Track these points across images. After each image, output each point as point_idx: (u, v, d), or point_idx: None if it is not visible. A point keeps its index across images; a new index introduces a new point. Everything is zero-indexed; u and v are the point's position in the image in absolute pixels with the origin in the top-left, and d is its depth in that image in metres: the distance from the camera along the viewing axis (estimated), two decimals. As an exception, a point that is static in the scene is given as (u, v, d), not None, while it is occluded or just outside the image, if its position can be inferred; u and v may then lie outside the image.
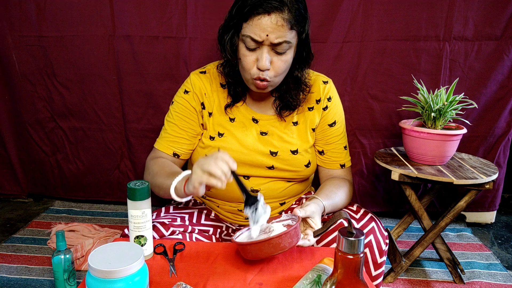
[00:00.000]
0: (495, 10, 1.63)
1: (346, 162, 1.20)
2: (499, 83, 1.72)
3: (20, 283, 1.41)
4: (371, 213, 1.05)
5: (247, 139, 1.10)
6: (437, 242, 1.45)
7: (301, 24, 0.97)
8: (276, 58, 0.97)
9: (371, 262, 0.99)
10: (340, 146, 1.18)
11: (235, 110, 1.12)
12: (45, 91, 1.90)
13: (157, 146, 1.15)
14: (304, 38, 1.01)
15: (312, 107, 1.14)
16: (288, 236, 0.80)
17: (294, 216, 0.89)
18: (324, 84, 1.14)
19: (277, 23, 0.92)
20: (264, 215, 0.88)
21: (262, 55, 0.96)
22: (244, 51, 0.98)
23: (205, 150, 1.11)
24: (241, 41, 0.98)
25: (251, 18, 0.93)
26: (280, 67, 0.98)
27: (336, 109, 1.16)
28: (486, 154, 1.82)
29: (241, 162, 1.08)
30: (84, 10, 1.75)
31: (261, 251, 0.80)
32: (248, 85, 1.04)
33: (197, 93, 1.11)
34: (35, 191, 2.12)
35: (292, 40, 0.97)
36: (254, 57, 0.97)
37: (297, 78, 1.07)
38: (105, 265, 0.66)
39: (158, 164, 1.08)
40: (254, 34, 0.94)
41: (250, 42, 0.96)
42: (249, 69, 0.99)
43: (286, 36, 0.94)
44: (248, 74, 1.00)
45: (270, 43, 0.94)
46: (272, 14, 0.92)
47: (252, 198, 0.88)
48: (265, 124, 1.12)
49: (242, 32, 0.97)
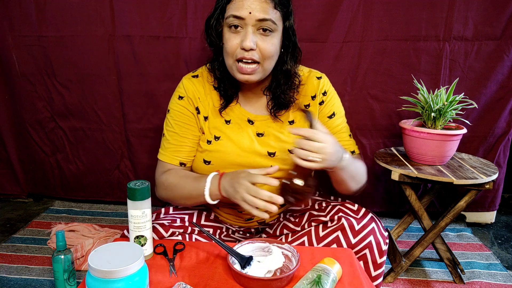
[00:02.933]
0: (495, 10, 1.63)
1: (355, 149, 1.17)
2: (499, 83, 1.72)
3: (20, 283, 1.41)
4: (371, 213, 1.05)
5: (243, 141, 1.08)
6: (437, 242, 1.45)
7: (284, 5, 0.97)
8: (261, 41, 0.96)
9: (371, 262, 0.99)
10: (345, 135, 1.15)
11: (229, 111, 1.11)
12: (45, 91, 1.90)
13: (162, 158, 1.12)
14: (288, 26, 1.01)
15: (308, 104, 1.13)
16: (282, 280, 0.79)
17: (295, 251, 0.87)
18: (318, 80, 1.13)
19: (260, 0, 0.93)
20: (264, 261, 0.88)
21: (246, 35, 0.95)
22: (228, 35, 0.97)
23: (203, 154, 1.10)
24: (226, 25, 0.98)
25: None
26: (266, 48, 0.97)
27: (333, 101, 1.14)
28: (486, 154, 1.82)
29: (238, 164, 1.08)
30: (84, 10, 1.75)
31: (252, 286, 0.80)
32: (233, 73, 1.01)
33: (191, 97, 1.10)
34: (35, 191, 2.12)
35: (277, 22, 0.96)
36: (238, 40, 0.97)
37: (287, 71, 1.06)
38: (105, 265, 0.66)
39: (174, 176, 1.07)
40: (237, 11, 0.94)
41: (234, 21, 0.95)
42: (233, 51, 0.97)
43: (270, 13, 0.94)
44: (231, 59, 0.99)
45: (254, 20, 0.94)
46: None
47: (245, 259, 0.86)
48: (261, 125, 1.11)
49: (226, 15, 0.97)
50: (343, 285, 0.80)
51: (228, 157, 1.07)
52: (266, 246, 0.91)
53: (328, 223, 1.02)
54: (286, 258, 0.88)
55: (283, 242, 0.92)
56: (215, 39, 1.02)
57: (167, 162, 1.11)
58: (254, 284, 0.79)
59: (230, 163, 1.08)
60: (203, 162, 1.09)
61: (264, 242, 0.92)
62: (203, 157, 1.10)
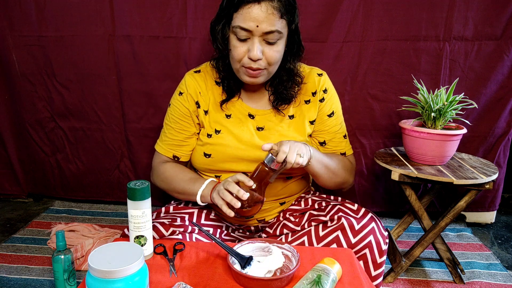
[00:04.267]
0: (495, 10, 1.63)
1: (346, 150, 1.22)
2: (499, 83, 1.72)
3: (20, 283, 1.41)
4: (371, 212, 1.05)
5: (244, 135, 1.10)
6: (437, 242, 1.45)
7: (290, 13, 0.98)
8: (268, 49, 0.98)
9: (371, 261, 0.99)
10: (340, 136, 1.20)
11: (230, 106, 1.13)
12: (45, 91, 1.90)
13: (158, 149, 1.18)
14: (294, 29, 1.02)
15: (308, 100, 1.15)
16: (282, 280, 0.79)
17: (295, 251, 0.87)
18: (319, 77, 1.15)
19: (267, 11, 0.93)
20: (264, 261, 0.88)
21: (254, 45, 0.96)
22: (235, 42, 0.99)
23: (203, 148, 1.12)
24: (232, 33, 0.99)
25: (241, 7, 0.94)
26: (272, 56, 0.99)
27: (332, 99, 1.17)
28: (486, 154, 1.82)
29: (239, 158, 1.09)
30: (83, 10, 1.75)
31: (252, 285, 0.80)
32: (239, 76, 1.04)
33: (191, 93, 1.12)
34: (35, 191, 2.12)
35: (282, 30, 0.97)
36: (245, 48, 0.98)
37: (290, 69, 1.08)
38: (105, 265, 0.66)
39: (172, 170, 1.12)
40: (245, 23, 0.94)
41: (241, 32, 0.96)
42: (239, 59, 0.99)
43: (277, 24, 0.95)
44: (238, 64, 1.01)
45: (261, 32, 0.95)
46: (262, 3, 0.93)
47: (245, 259, 0.86)
48: (261, 119, 1.13)
49: (232, 24, 0.97)
50: (343, 285, 0.80)
51: (228, 151, 1.09)
52: (266, 246, 0.91)
53: (328, 222, 1.02)
54: (286, 258, 0.88)
55: (283, 242, 0.92)
56: (221, 44, 1.03)
57: (161, 153, 1.16)
58: (254, 284, 0.79)
59: (230, 156, 1.10)
60: (203, 155, 1.12)
61: (264, 242, 0.92)
62: (204, 150, 1.12)
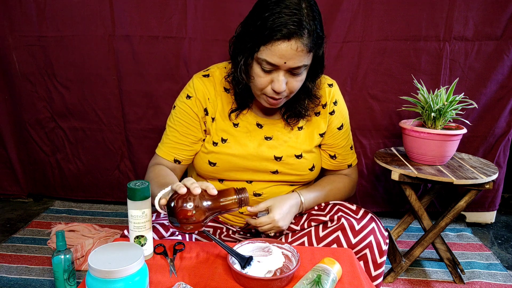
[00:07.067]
0: (495, 10, 1.63)
1: (352, 161, 1.23)
2: (499, 83, 1.72)
3: (20, 283, 1.41)
4: (371, 213, 1.05)
5: (251, 145, 1.08)
6: (437, 242, 1.45)
7: (319, 45, 0.95)
8: (292, 79, 0.96)
9: (371, 262, 0.99)
10: (348, 148, 1.20)
11: (240, 116, 1.11)
12: (45, 91, 1.90)
13: (158, 152, 1.14)
14: (320, 55, 0.99)
15: (318, 112, 1.13)
16: (282, 280, 0.79)
17: (295, 251, 0.87)
18: (330, 88, 1.13)
19: (296, 49, 0.89)
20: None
21: (279, 78, 0.94)
22: (258, 72, 0.96)
23: (208, 156, 1.09)
24: (256, 62, 0.95)
25: (270, 42, 0.90)
26: (295, 86, 0.98)
27: (342, 111, 1.16)
28: (486, 154, 1.82)
29: (244, 168, 1.08)
30: (84, 10, 1.75)
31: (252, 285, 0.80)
32: (259, 100, 1.03)
33: (200, 98, 1.09)
34: (35, 191, 2.12)
35: (309, 62, 0.96)
36: (269, 78, 0.96)
37: (308, 88, 1.05)
38: (105, 265, 0.66)
39: (154, 172, 1.07)
40: (272, 59, 0.91)
41: (266, 66, 0.94)
42: (262, 88, 0.98)
43: (304, 60, 0.93)
44: (259, 92, 0.99)
45: (287, 67, 0.93)
46: (292, 40, 0.89)
47: (245, 259, 0.85)
48: (270, 129, 1.11)
49: (258, 55, 0.94)
50: (343, 285, 0.80)
51: (234, 160, 1.08)
52: (266, 246, 0.91)
53: (328, 223, 1.02)
54: (286, 258, 0.88)
55: (283, 242, 0.92)
56: (244, 72, 0.99)
57: (162, 157, 1.12)
58: (254, 284, 0.79)
59: (236, 166, 1.08)
60: (208, 164, 1.09)
61: (264, 242, 0.92)
62: (208, 159, 1.09)
